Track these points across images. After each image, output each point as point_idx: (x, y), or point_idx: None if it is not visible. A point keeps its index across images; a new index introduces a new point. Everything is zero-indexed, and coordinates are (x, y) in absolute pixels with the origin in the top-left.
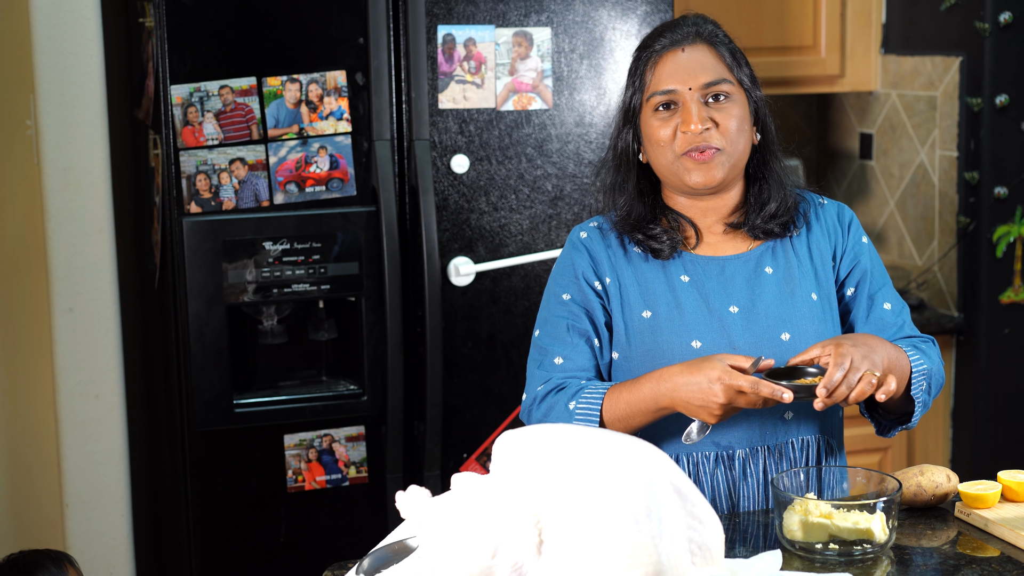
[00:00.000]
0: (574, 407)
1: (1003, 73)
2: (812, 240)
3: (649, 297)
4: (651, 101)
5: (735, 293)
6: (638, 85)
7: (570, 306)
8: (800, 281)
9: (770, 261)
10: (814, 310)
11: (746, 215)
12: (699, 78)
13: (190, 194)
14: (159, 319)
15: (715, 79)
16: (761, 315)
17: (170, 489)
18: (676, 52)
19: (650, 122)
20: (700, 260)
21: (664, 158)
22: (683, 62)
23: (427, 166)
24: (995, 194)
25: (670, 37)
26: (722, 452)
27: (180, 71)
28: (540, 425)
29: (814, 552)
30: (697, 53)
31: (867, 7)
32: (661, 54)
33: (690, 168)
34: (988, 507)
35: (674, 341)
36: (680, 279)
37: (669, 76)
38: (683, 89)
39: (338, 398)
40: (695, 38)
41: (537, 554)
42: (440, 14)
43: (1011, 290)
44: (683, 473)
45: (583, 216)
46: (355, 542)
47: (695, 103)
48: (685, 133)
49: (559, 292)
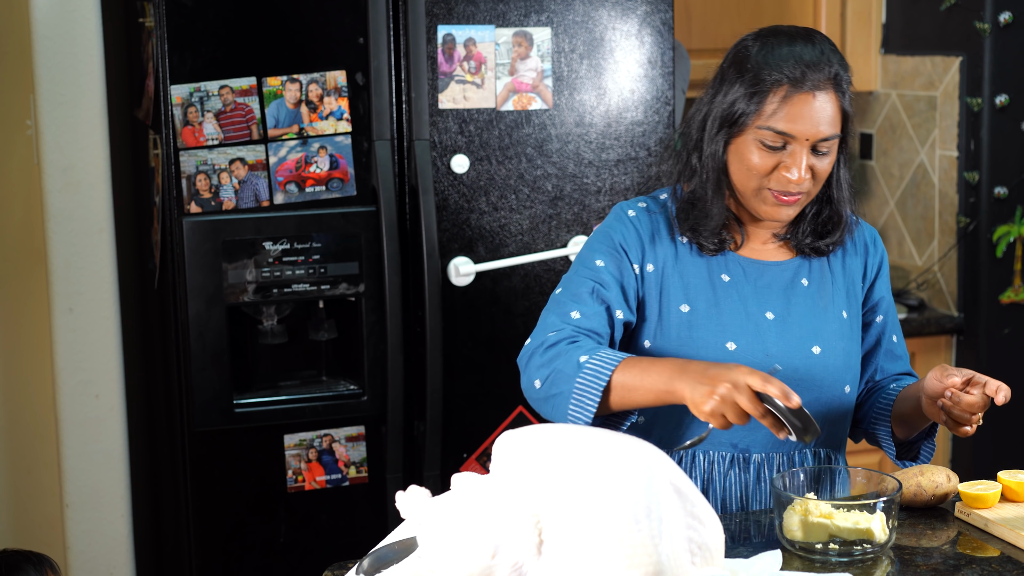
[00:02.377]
0: (586, 360)
1: (1003, 73)
2: (847, 259)
3: (690, 291)
4: (763, 133)
5: (771, 300)
6: (755, 103)
7: (601, 272)
8: (833, 298)
9: (806, 274)
10: (843, 328)
11: (797, 231)
12: (820, 132)
13: (190, 194)
14: (159, 319)
15: (833, 133)
16: (794, 325)
17: (170, 489)
18: (809, 97)
19: (750, 147)
20: (743, 262)
21: (750, 184)
22: (812, 111)
23: (427, 166)
24: (995, 194)
25: (805, 72)
26: (738, 454)
27: (180, 71)
28: (540, 425)
29: (814, 552)
30: (826, 103)
31: (867, 7)
32: (793, 93)
33: (771, 204)
34: (988, 507)
35: (709, 340)
36: (721, 277)
37: (793, 120)
38: (801, 138)
39: (338, 398)
40: (827, 84)
41: (537, 554)
42: (440, 14)
43: (1011, 290)
44: (683, 473)
45: (583, 216)
46: (355, 542)
47: (805, 153)
48: (784, 176)
49: (593, 257)
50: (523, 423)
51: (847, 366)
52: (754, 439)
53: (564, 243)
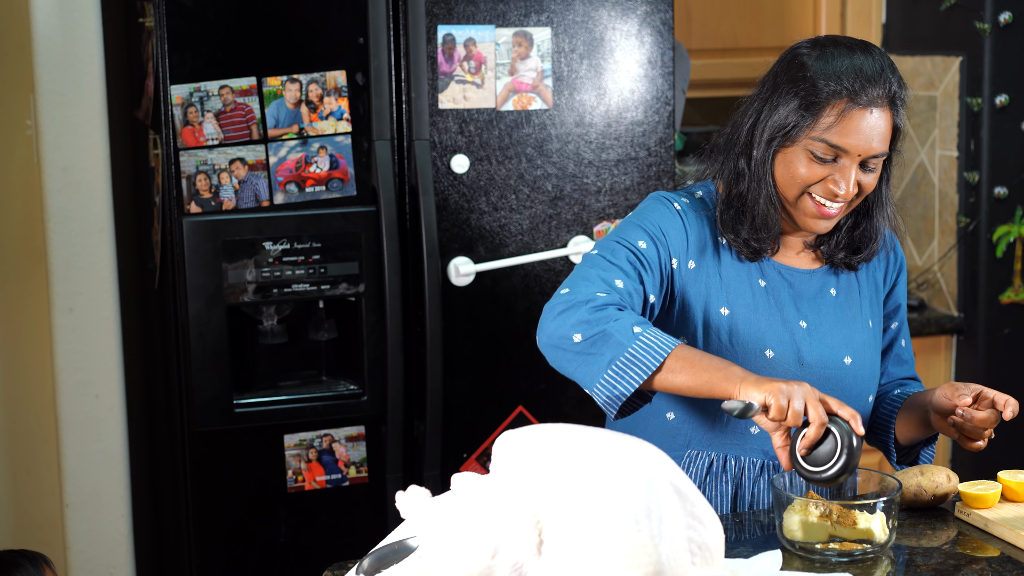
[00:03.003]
0: (640, 332)
1: (1003, 73)
2: (871, 268)
3: (731, 294)
4: (815, 144)
5: (803, 308)
6: (811, 115)
7: (644, 253)
8: (860, 308)
9: (834, 284)
10: (869, 337)
11: (830, 243)
12: (873, 148)
13: (190, 194)
14: (159, 319)
15: (883, 151)
16: (825, 335)
17: (170, 489)
18: (866, 112)
19: (800, 156)
20: (779, 268)
21: (793, 192)
22: (867, 126)
23: (427, 166)
24: (995, 194)
25: (864, 87)
26: (769, 461)
27: (180, 71)
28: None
29: (814, 552)
30: (880, 120)
31: (867, 7)
32: (852, 108)
33: (812, 215)
34: (988, 507)
35: (749, 346)
36: (759, 283)
37: (848, 136)
38: (853, 153)
39: (338, 398)
40: (884, 102)
41: (537, 554)
42: (440, 14)
43: (1011, 290)
44: (683, 473)
45: (583, 216)
46: (355, 542)
47: (855, 168)
48: (831, 189)
49: (636, 236)
50: (523, 423)
51: (873, 376)
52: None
53: (564, 243)
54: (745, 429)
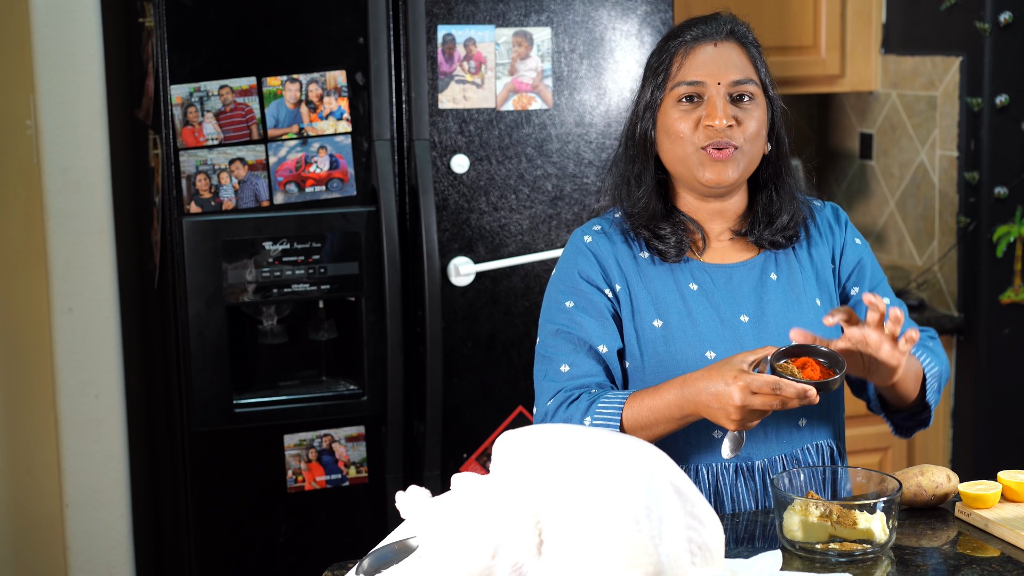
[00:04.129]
0: (589, 423)
1: (1003, 73)
2: (811, 244)
3: (660, 305)
4: (675, 91)
5: (744, 302)
6: (663, 75)
7: (573, 314)
8: (804, 287)
9: (774, 268)
10: (820, 315)
11: (752, 224)
12: (729, 74)
13: (190, 194)
14: (159, 319)
15: (744, 78)
16: (771, 323)
17: (170, 489)
18: (707, 45)
19: (670, 113)
20: (708, 268)
21: (682, 150)
22: (713, 56)
23: (427, 166)
24: (995, 194)
25: (702, 29)
26: (741, 464)
27: (180, 71)
28: (540, 425)
29: (814, 552)
30: (728, 50)
31: (867, 7)
32: (692, 45)
33: (706, 164)
34: (988, 507)
35: (688, 351)
36: (689, 287)
37: (698, 68)
38: (711, 83)
39: (338, 398)
40: (728, 36)
41: (537, 554)
42: (440, 14)
43: (1011, 290)
44: (683, 473)
45: (583, 216)
46: (355, 542)
47: (721, 98)
48: (708, 127)
49: (561, 300)
50: (523, 423)
51: None
52: (752, 447)
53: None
54: (710, 436)
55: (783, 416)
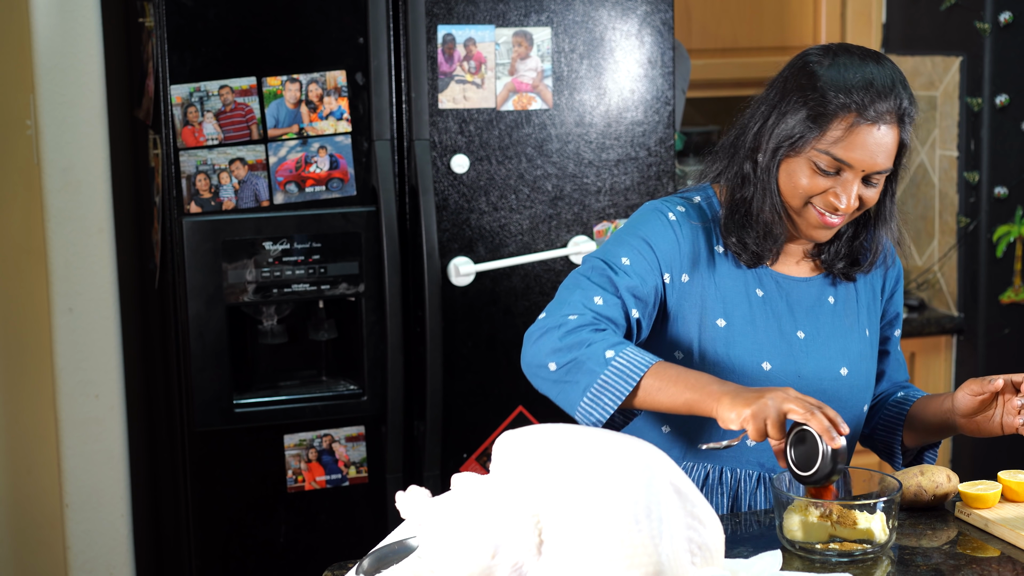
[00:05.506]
0: (612, 357)
1: (1003, 73)
2: (869, 276)
3: (727, 305)
4: (819, 156)
5: (801, 318)
6: (818, 127)
7: (626, 269)
8: (857, 316)
9: (832, 291)
10: (865, 347)
11: (830, 250)
12: (877, 164)
13: (190, 194)
14: (159, 319)
15: (887, 168)
16: (823, 346)
17: (170, 489)
18: (873, 128)
19: (803, 169)
20: (776, 276)
21: (798, 202)
22: (873, 142)
23: (427, 166)
24: (995, 194)
25: (876, 108)
26: (765, 473)
27: (180, 71)
28: (540, 425)
29: (814, 552)
30: (888, 135)
31: (867, 7)
32: (860, 124)
33: (814, 225)
34: (988, 507)
35: (746, 358)
36: (756, 292)
37: (853, 150)
38: (857, 169)
39: (338, 398)
40: (893, 118)
41: (537, 554)
42: (440, 14)
43: (1011, 290)
44: (683, 473)
45: (583, 216)
46: (355, 542)
47: (857, 183)
48: (832, 201)
49: (620, 252)
50: (523, 423)
51: (868, 386)
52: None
53: (564, 243)
54: (742, 441)
55: None
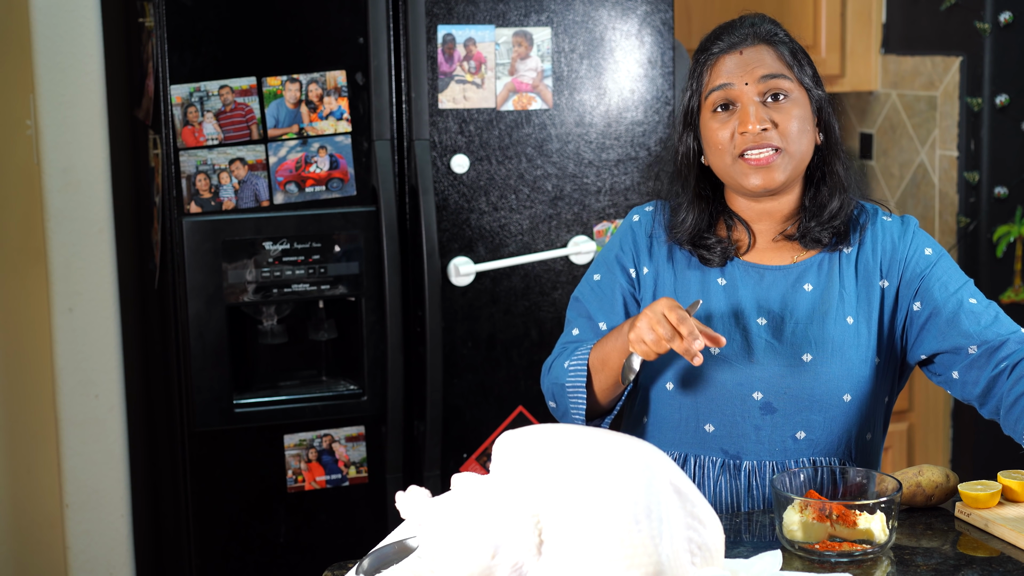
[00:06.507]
0: (568, 364)
1: (1003, 73)
2: (862, 259)
3: (680, 295)
4: (708, 100)
5: (767, 305)
6: (696, 87)
7: (596, 288)
8: (838, 303)
9: (812, 278)
10: (846, 334)
11: (801, 221)
12: (755, 72)
13: (190, 194)
14: (159, 319)
15: (772, 73)
16: (788, 332)
17: (170, 489)
18: (735, 54)
19: (708, 125)
20: (742, 265)
21: (722, 161)
22: (742, 61)
23: (427, 166)
24: (995, 194)
25: (727, 40)
26: (729, 460)
27: (180, 71)
28: (540, 425)
29: (814, 552)
30: (757, 53)
31: (867, 7)
32: (719, 56)
33: (747, 172)
34: (988, 507)
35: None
36: (717, 282)
37: (723, 74)
38: (739, 85)
39: (338, 398)
40: (753, 39)
41: (537, 554)
42: (440, 14)
43: (1011, 290)
44: (683, 473)
45: (583, 216)
46: (355, 542)
47: (753, 103)
48: (743, 134)
49: (593, 271)
50: (523, 423)
51: (846, 374)
52: (744, 446)
53: (564, 243)
54: (701, 428)
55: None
